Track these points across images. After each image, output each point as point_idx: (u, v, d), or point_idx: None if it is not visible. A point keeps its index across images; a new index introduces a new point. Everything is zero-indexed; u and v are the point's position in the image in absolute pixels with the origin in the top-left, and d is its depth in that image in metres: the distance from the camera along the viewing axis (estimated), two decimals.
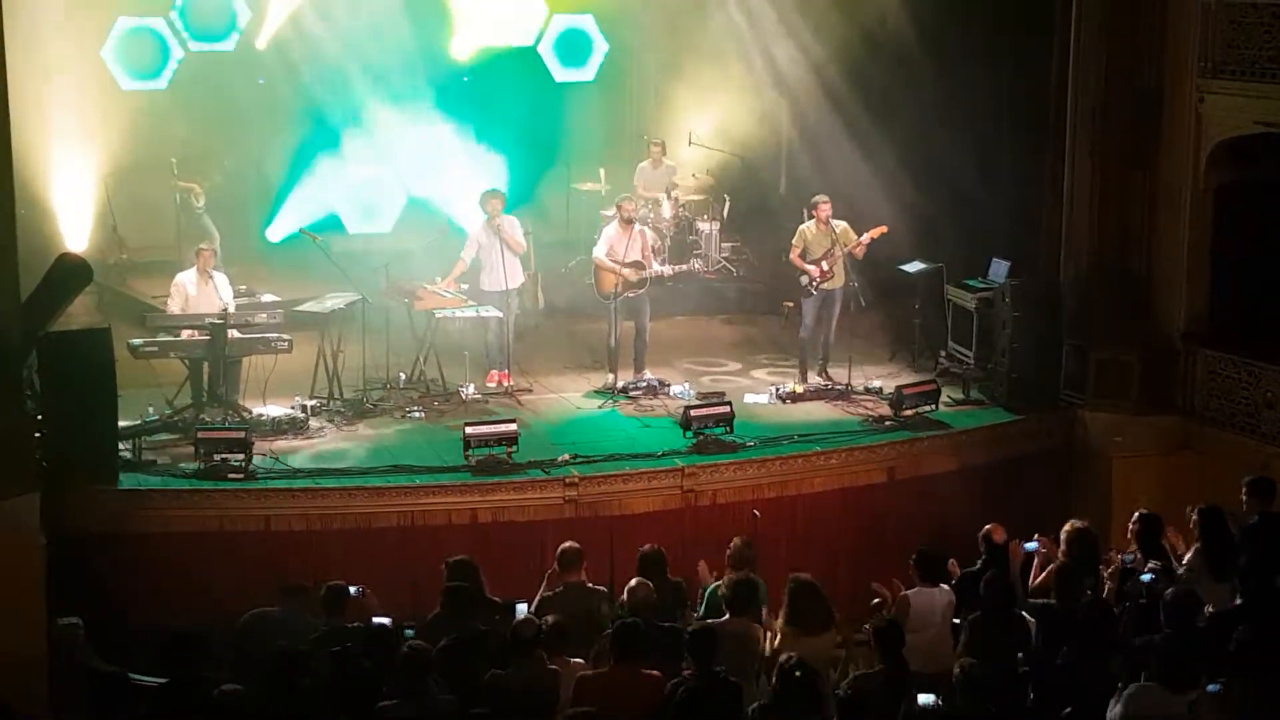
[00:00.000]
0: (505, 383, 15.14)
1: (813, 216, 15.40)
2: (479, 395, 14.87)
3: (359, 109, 18.50)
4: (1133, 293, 15.22)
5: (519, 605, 10.25)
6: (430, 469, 13.23)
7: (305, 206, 18.49)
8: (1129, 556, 10.84)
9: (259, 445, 13.22)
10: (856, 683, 9.02)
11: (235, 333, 14.11)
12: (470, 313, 15.00)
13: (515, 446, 13.31)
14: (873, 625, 9.54)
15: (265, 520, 12.69)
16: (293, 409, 14.20)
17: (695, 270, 17.00)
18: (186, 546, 12.49)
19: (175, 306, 14.41)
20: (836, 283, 15.37)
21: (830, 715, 8.51)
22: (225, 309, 14.25)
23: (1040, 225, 16.02)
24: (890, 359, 16.40)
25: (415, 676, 8.64)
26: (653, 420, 14.58)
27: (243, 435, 13.06)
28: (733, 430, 13.93)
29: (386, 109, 18.78)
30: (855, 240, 15.23)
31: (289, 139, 18.71)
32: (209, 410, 13.81)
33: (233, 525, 12.64)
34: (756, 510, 13.03)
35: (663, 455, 13.64)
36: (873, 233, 15.29)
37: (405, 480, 13.05)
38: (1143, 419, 14.90)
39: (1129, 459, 14.62)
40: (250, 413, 14.03)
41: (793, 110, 19.31)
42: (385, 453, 13.62)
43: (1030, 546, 11.25)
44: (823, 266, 15.26)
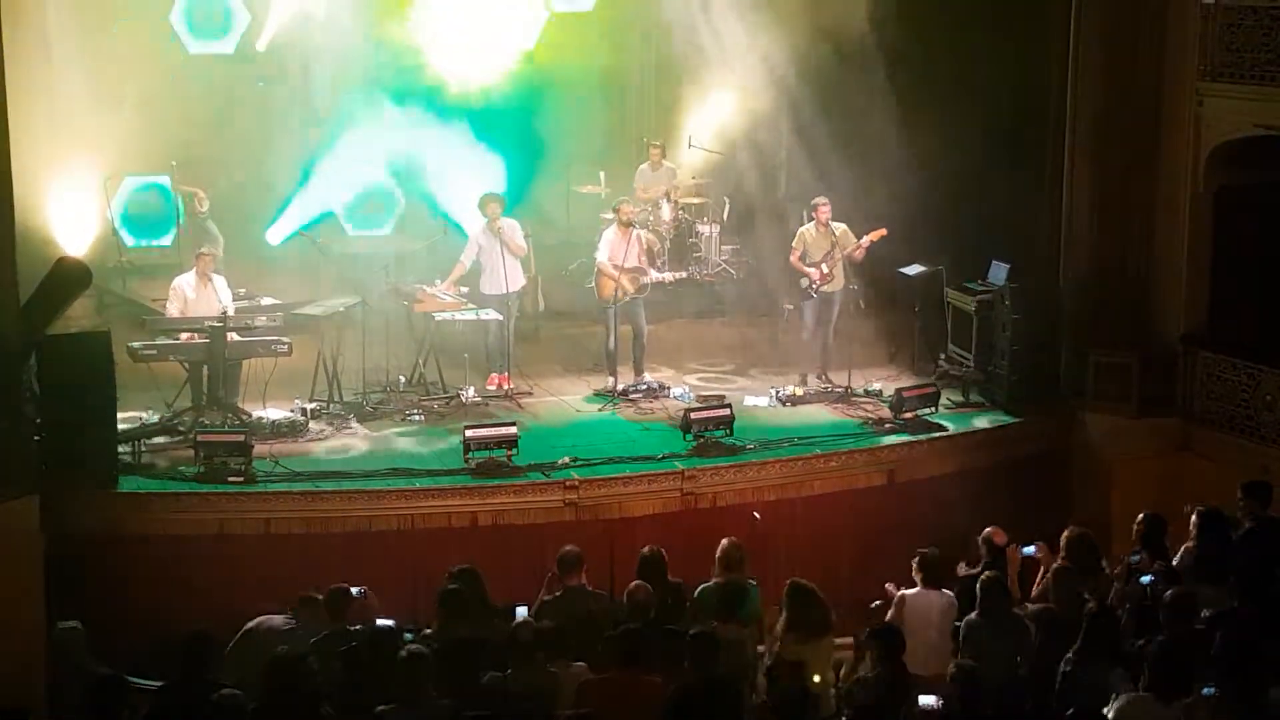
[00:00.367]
0: (505, 386, 15.14)
1: (812, 219, 15.40)
2: (479, 398, 14.86)
3: (359, 110, 18.48)
4: (1132, 295, 15.23)
5: (519, 609, 10.25)
6: (430, 472, 13.24)
7: (305, 209, 18.48)
8: (1135, 558, 10.83)
9: (258, 448, 13.23)
10: (856, 686, 9.02)
11: (235, 335, 14.10)
12: (470, 315, 14.99)
13: (515, 449, 13.31)
14: (872, 628, 9.55)
15: (265, 523, 12.70)
16: (292, 412, 14.21)
17: (696, 274, 16.98)
18: (186, 549, 12.50)
19: (174, 310, 14.39)
20: (836, 285, 15.37)
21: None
22: (225, 312, 14.24)
23: (1040, 228, 16.02)
24: (890, 361, 16.39)
25: (414, 680, 8.63)
26: (652, 424, 14.59)
27: (242, 438, 13.08)
28: (733, 433, 13.94)
29: (386, 111, 18.77)
30: (855, 243, 15.23)
31: (288, 141, 18.68)
32: (209, 413, 13.81)
33: (232, 528, 12.65)
34: (756, 513, 13.04)
35: (663, 458, 13.65)
36: (872, 235, 15.29)
37: (405, 483, 13.06)
38: (1142, 421, 14.91)
39: (1128, 461, 14.62)
40: (250, 416, 14.03)
41: (792, 112, 19.28)
42: (385, 456, 13.62)
43: (1029, 550, 11.26)
44: (822, 269, 15.26)
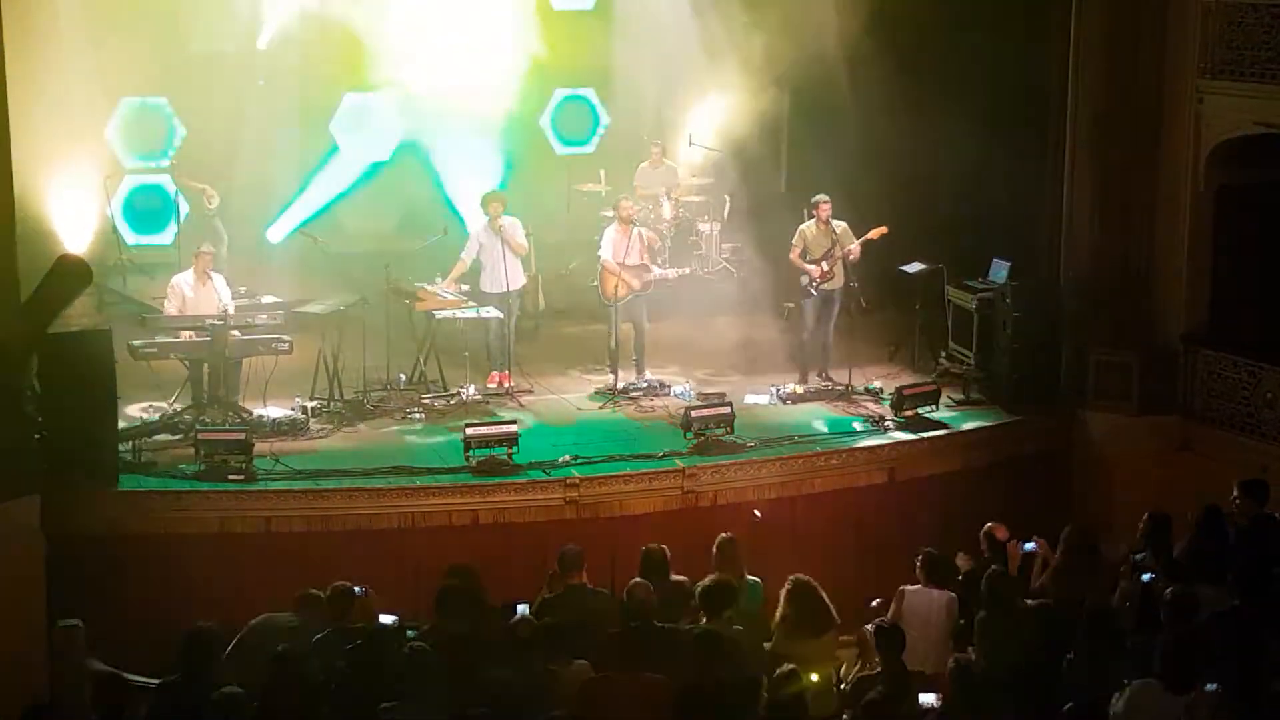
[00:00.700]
0: (506, 384, 15.14)
1: (813, 216, 15.39)
2: (479, 396, 14.86)
3: (358, 109, 18.51)
4: (1133, 293, 15.21)
5: (520, 606, 10.23)
6: (431, 470, 13.23)
7: (305, 207, 18.49)
8: (1139, 555, 10.83)
9: (259, 446, 13.22)
10: (857, 683, 9.03)
11: (236, 334, 14.10)
12: (470, 313, 14.99)
13: (516, 447, 13.32)
14: (873, 626, 9.55)
15: (266, 521, 12.70)
16: (293, 410, 14.20)
17: (695, 273, 16.97)
18: (187, 548, 12.49)
19: (172, 309, 14.36)
20: (836, 283, 15.36)
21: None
22: (225, 310, 14.24)
23: (1040, 226, 16.02)
24: (890, 359, 16.39)
25: (417, 678, 8.63)
26: (653, 421, 14.58)
27: (243, 436, 13.08)
28: (733, 431, 13.94)
29: (386, 109, 18.80)
30: (855, 240, 15.22)
31: (288, 140, 18.69)
32: (209, 411, 13.80)
33: (233, 527, 12.65)
34: (757, 511, 13.05)
35: (663, 456, 13.65)
36: (872, 233, 15.28)
37: (406, 481, 13.05)
38: (1143, 419, 14.91)
39: (1129, 459, 14.62)
40: (250, 414, 14.02)
41: (793, 110, 19.32)
42: (386, 454, 13.60)
43: (1029, 547, 11.27)
44: (823, 267, 15.25)
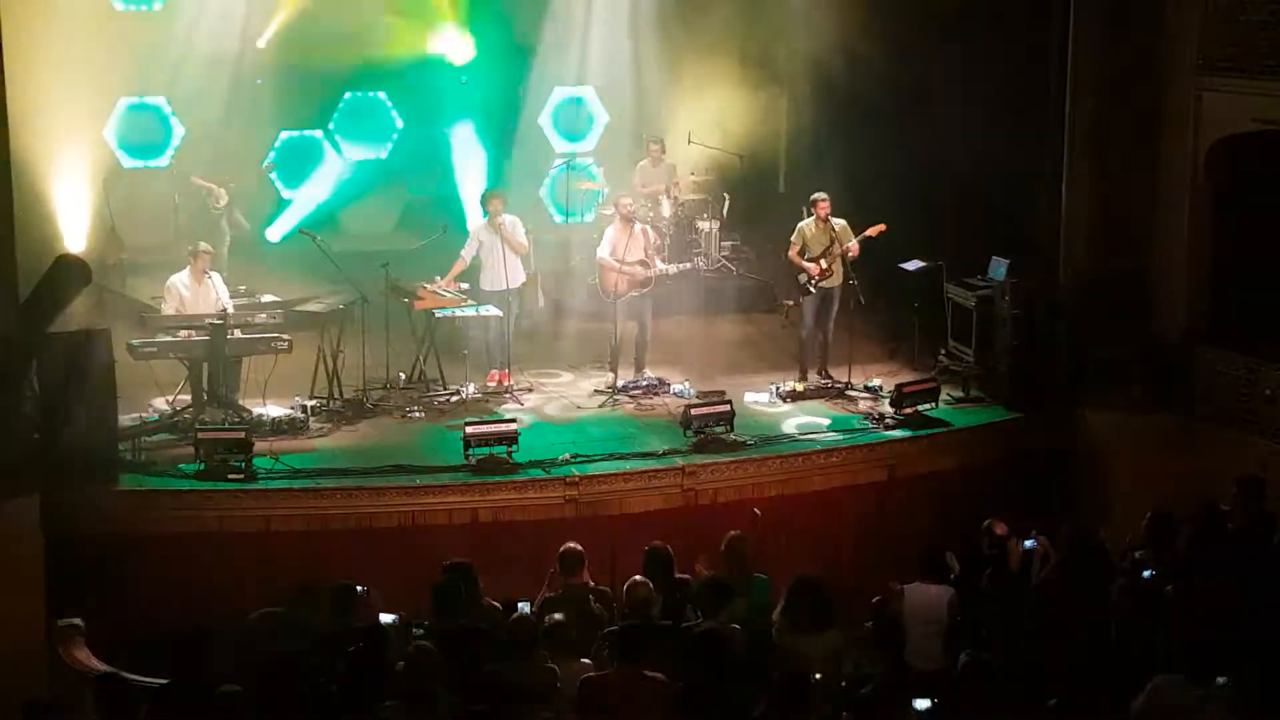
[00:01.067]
0: (505, 382, 15.14)
1: (812, 214, 15.39)
2: (479, 395, 14.87)
3: (358, 109, 18.52)
4: (1132, 290, 15.21)
5: (521, 604, 10.23)
6: (431, 469, 13.23)
7: (304, 206, 18.50)
8: (1138, 553, 10.83)
9: (259, 446, 13.21)
10: (856, 680, 9.02)
11: (235, 333, 14.10)
12: (470, 312, 15.00)
13: (515, 446, 13.32)
14: (872, 623, 9.55)
15: (266, 521, 12.71)
16: (293, 409, 14.20)
17: (697, 269, 16.98)
18: (187, 547, 12.50)
19: (169, 309, 14.33)
20: (835, 281, 15.35)
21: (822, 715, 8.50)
22: (224, 309, 14.23)
23: (1040, 223, 16.01)
24: (890, 357, 16.39)
25: (422, 677, 8.62)
26: (653, 420, 14.58)
27: (243, 435, 13.08)
28: (733, 429, 13.94)
29: (384, 109, 18.81)
30: (854, 238, 15.22)
31: (287, 139, 18.70)
32: (209, 411, 13.81)
33: (233, 526, 12.65)
34: (757, 509, 13.03)
35: (663, 454, 13.65)
36: (870, 231, 15.27)
37: (405, 480, 13.05)
38: (1142, 416, 14.90)
39: (1128, 456, 14.62)
40: (250, 413, 14.02)
41: (792, 108, 19.32)
42: (385, 453, 13.60)
43: (1029, 545, 11.26)
44: (821, 264, 15.24)
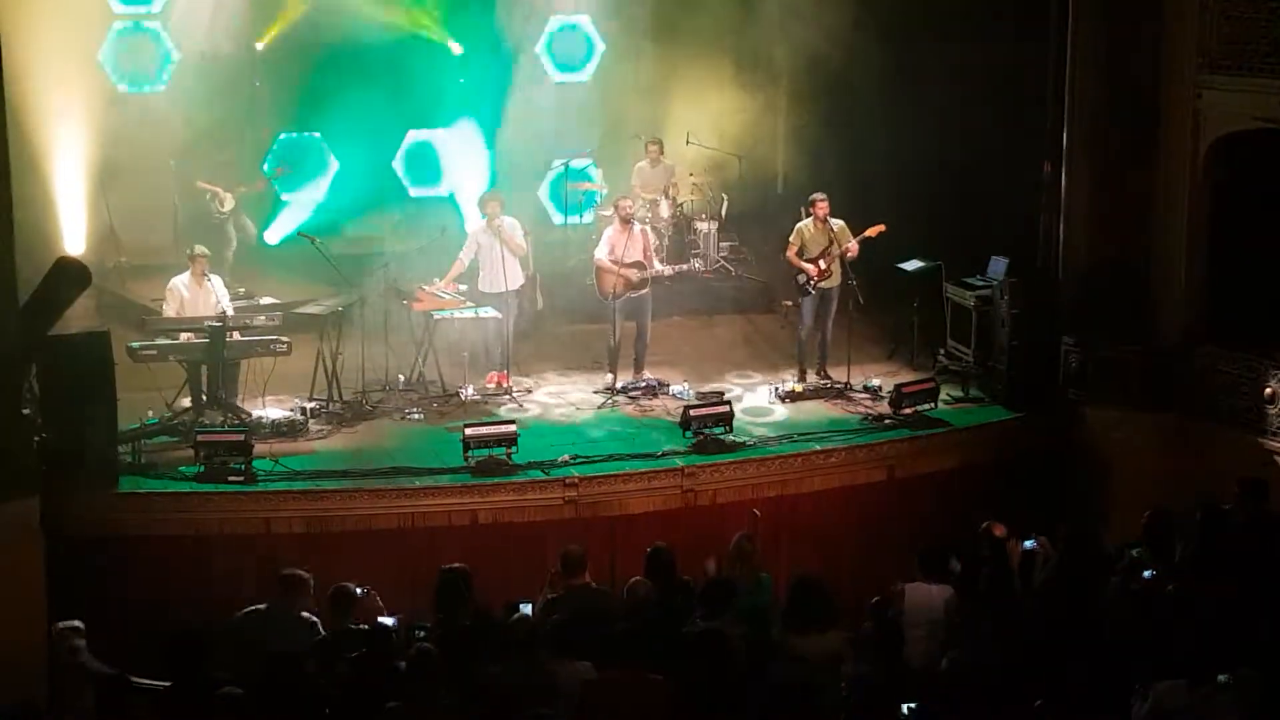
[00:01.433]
0: (504, 384, 15.14)
1: (810, 214, 15.38)
2: (478, 396, 14.87)
3: (358, 108, 18.48)
4: (1132, 289, 15.20)
5: (523, 606, 10.22)
6: (430, 470, 13.23)
7: (303, 209, 18.48)
8: (1135, 551, 10.83)
9: (259, 448, 13.22)
10: (855, 680, 9.01)
11: (235, 335, 14.10)
12: (469, 314, 15.00)
13: (515, 447, 13.32)
14: (871, 623, 9.54)
15: (265, 523, 12.70)
16: (292, 411, 14.21)
17: (695, 270, 16.98)
18: (186, 549, 12.52)
19: (170, 311, 14.37)
20: (834, 281, 15.34)
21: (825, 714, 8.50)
22: (223, 312, 14.24)
23: (1039, 222, 16.00)
24: (889, 357, 16.39)
25: (424, 678, 8.61)
26: (652, 420, 14.58)
27: (242, 438, 13.08)
28: (732, 429, 13.93)
29: (385, 109, 18.77)
30: (852, 239, 15.21)
31: (287, 139, 18.68)
32: (208, 413, 13.81)
33: (233, 528, 12.65)
34: (756, 510, 13.03)
35: (662, 455, 13.64)
36: (870, 231, 15.27)
37: (405, 482, 13.05)
38: (1142, 415, 14.87)
39: (1128, 455, 14.61)
40: (249, 415, 14.03)
41: (790, 108, 19.31)
42: (385, 454, 13.61)
43: (1029, 545, 11.25)
44: (820, 265, 15.24)
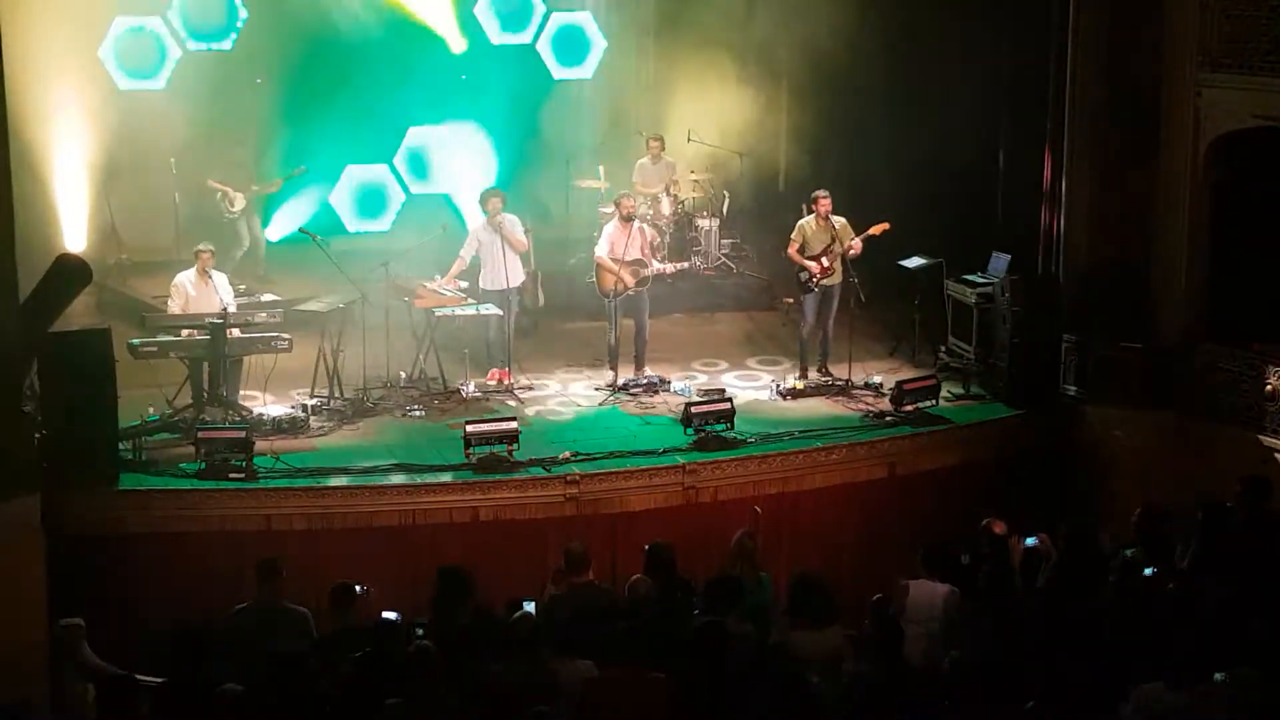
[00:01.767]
0: (506, 381, 15.14)
1: (812, 211, 15.37)
2: (479, 393, 14.87)
3: (357, 107, 18.49)
4: (1132, 287, 15.20)
5: (526, 603, 10.22)
6: (431, 467, 13.23)
7: (304, 205, 18.49)
8: (1129, 550, 10.83)
9: (260, 445, 13.21)
10: (856, 678, 9.02)
11: (236, 332, 14.11)
12: (470, 311, 15.01)
13: (516, 444, 13.32)
14: (872, 620, 9.55)
15: (266, 520, 12.70)
16: (293, 408, 14.21)
17: (695, 268, 16.97)
18: (188, 546, 12.51)
19: (175, 307, 14.39)
20: (836, 278, 15.34)
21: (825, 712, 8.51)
22: (225, 309, 14.24)
23: (1040, 220, 16.00)
24: (890, 354, 16.38)
25: (423, 676, 8.62)
26: (653, 417, 14.58)
27: (243, 435, 13.08)
28: (733, 427, 13.94)
29: (385, 107, 18.79)
30: (854, 236, 15.20)
31: (287, 138, 18.68)
32: (209, 410, 13.81)
33: (234, 525, 12.65)
34: (757, 507, 13.04)
35: (664, 452, 13.64)
36: (874, 229, 15.24)
37: (406, 479, 13.06)
38: (1143, 413, 14.88)
39: (1129, 453, 14.61)
40: (250, 412, 14.03)
41: (792, 105, 19.31)
42: (386, 451, 13.61)
43: (1030, 542, 11.26)
44: (822, 262, 15.23)
